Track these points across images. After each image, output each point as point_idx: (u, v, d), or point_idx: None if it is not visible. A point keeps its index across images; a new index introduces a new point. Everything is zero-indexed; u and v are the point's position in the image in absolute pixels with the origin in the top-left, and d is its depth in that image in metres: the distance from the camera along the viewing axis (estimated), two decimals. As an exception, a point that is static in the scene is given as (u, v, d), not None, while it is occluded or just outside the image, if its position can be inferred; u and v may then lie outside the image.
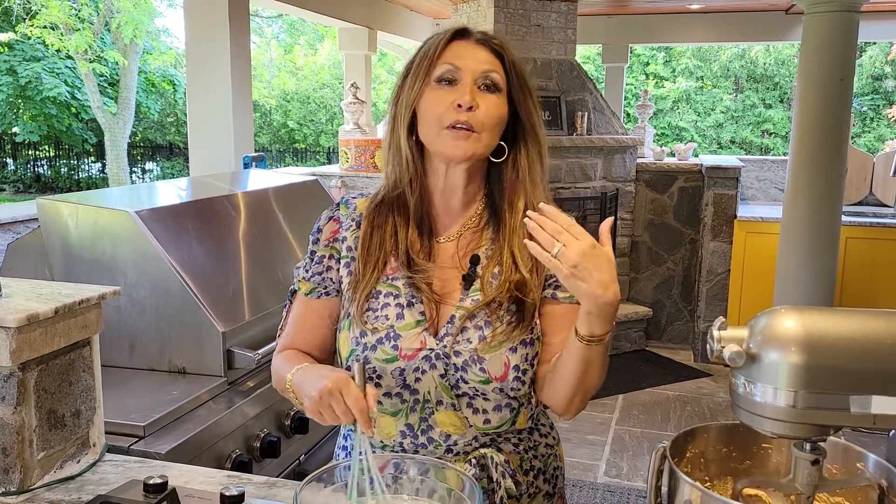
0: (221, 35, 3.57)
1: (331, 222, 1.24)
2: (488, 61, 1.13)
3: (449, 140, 1.11)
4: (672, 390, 4.54)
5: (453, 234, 1.20)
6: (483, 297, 1.14)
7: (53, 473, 1.22)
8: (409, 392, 1.14)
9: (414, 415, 1.14)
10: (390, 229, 1.19)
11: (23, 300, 1.19)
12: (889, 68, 14.75)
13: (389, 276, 1.17)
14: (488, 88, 1.12)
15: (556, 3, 5.08)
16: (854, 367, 0.81)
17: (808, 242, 3.99)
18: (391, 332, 1.13)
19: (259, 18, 16.81)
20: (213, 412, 1.62)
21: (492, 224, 1.19)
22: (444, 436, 1.14)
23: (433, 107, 1.11)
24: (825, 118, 3.88)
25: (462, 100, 1.09)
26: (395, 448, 1.16)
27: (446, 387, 1.12)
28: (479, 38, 1.14)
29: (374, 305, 1.16)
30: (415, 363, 1.12)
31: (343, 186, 4.31)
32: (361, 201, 1.24)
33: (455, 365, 1.12)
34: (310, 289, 1.22)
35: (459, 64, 1.11)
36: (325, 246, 1.22)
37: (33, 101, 14.37)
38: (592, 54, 14.28)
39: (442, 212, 1.20)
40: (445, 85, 1.11)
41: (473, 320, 1.13)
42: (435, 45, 1.13)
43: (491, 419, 1.14)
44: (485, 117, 1.11)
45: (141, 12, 12.43)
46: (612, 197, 5.15)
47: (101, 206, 1.83)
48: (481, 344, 1.12)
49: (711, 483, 1.04)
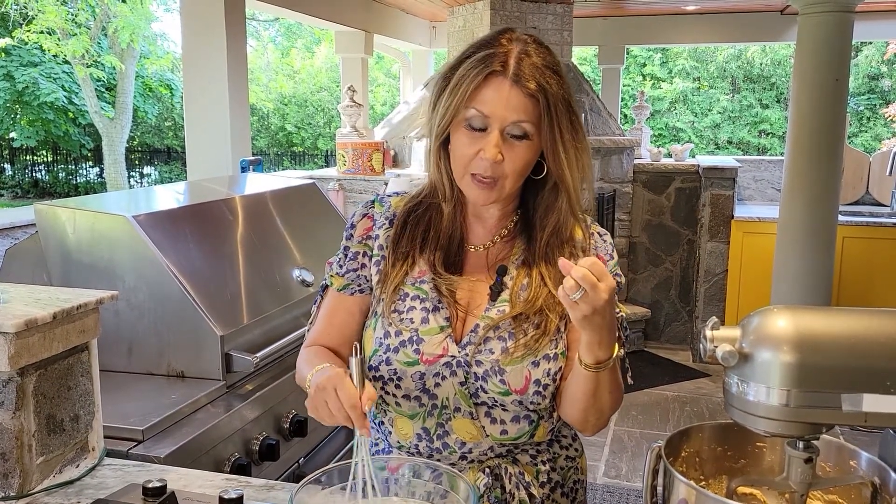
0: (218, 39, 3.58)
1: (365, 219, 1.23)
2: (520, 108, 1.06)
3: (472, 187, 1.10)
4: (671, 391, 4.55)
5: (485, 243, 1.19)
6: (510, 310, 1.13)
7: (52, 478, 1.23)
8: (427, 396, 1.13)
9: (431, 419, 1.14)
10: (422, 230, 1.19)
11: (21, 305, 1.20)
12: (885, 68, 14.77)
13: (417, 278, 1.17)
14: (516, 137, 1.07)
15: (552, 6, 5.09)
16: (846, 365, 0.81)
17: (805, 242, 4.00)
18: (415, 336, 1.13)
19: (256, 22, 16.81)
20: (211, 416, 1.62)
21: (524, 236, 1.18)
22: (459, 443, 1.14)
23: (460, 148, 1.09)
24: (821, 118, 3.89)
25: (486, 155, 1.06)
26: (411, 450, 1.16)
27: (465, 395, 1.12)
28: (514, 79, 1.05)
29: (401, 307, 1.15)
30: (435, 369, 1.12)
31: (341, 189, 4.31)
32: (396, 200, 1.24)
33: (476, 374, 1.11)
34: (342, 285, 1.22)
35: (488, 112, 1.06)
36: (359, 242, 1.22)
37: (30, 107, 14.35)
38: (589, 56, 14.31)
39: (474, 223, 1.20)
40: (473, 129, 1.08)
41: (497, 331, 1.12)
42: (468, 82, 1.06)
43: (509, 430, 1.14)
44: (510, 169, 1.08)
45: (138, 17, 12.42)
46: (610, 198, 5.16)
47: (99, 211, 1.83)
48: (503, 355, 1.11)
49: (706, 482, 1.05)
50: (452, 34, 5.33)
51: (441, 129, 1.10)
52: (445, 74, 1.11)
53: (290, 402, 1.85)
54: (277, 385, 1.81)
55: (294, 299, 2.06)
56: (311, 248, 2.34)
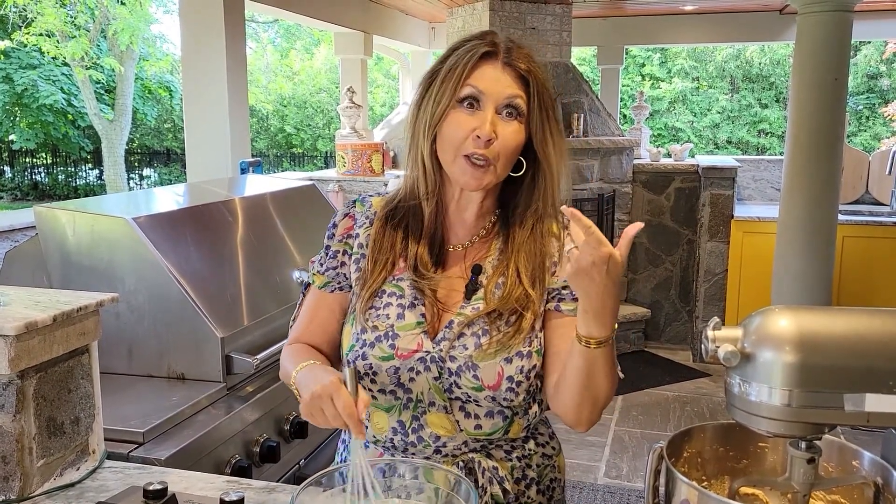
0: (217, 41, 3.57)
1: (346, 219, 1.26)
2: (513, 86, 1.11)
3: (465, 169, 1.11)
4: (671, 391, 4.54)
5: (463, 242, 1.21)
6: (484, 307, 1.15)
7: (53, 481, 1.23)
8: (402, 390, 1.15)
9: (406, 412, 1.16)
10: (402, 233, 1.21)
11: (21, 308, 1.20)
12: (884, 67, 14.78)
13: (396, 276, 1.19)
14: (510, 115, 1.11)
15: (551, 6, 5.09)
16: (848, 365, 0.81)
17: (805, 241, 4.00)
18: (390, 332, 1.15)
19: (255, 24, 16.81)
20: (212, 418, 1.62)
21: (501, 235, 1.20)
22: (433, 437, 1.15)
23: (454, 130, 1.11)
24: (820, 118, 3.89)
25: (482, 131, 1.09)
26: (386, 444, 1.18)
27: (439, 389, 1.13)
28: (505, 60, 1.12)
29: (378, 304, 1.18)
30: (410, 363, 1.13)
31: (340, 191, 4.31)
32: (377, 200, 1.27)
33: (449, 369, 1.13)
34: (323, 282, 1.25)
35: (483, 88, 1.10)
36: (340, 241, 1.25)
37: (30, 109, 14.36)
38: (588, 56, 14.31)
39: (455, 221, 1.21)
40: (468, 108, 1.11)
41: (472, 328, 1.14)
42: (463, 65, 1.11)
43: (483, 425, 1.15)
44: (501, 148, 1.11)
45: (137, 19, 12.43)
46: (609, 198, 5.16)
47: (99, 213, 1.83)
48: (477, 351, 1.12)
49: (708, 482, 1.04)
50: (451, 35, 5.33)
51: (436, 117, 1.13)
52: (433, 69, 1.16)
53: (291, 404, 1.85)
54: (278, 387, 1.81)
55: (294, 300, 2.06)
56: (310, 250, 2.34)
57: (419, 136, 1.16)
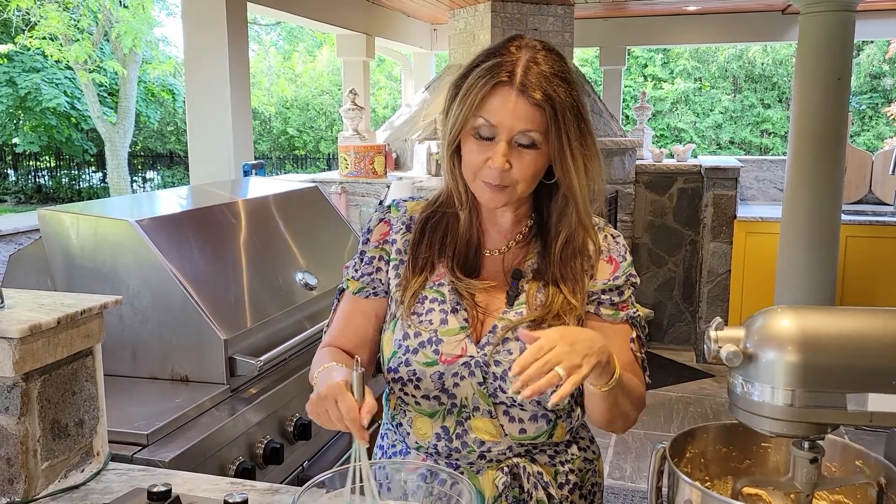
0: (220, 43, 3.58)
1: (381, 224, 1.26)
2: (527, 118, 1.06)
3: (483, 191, 1.11)
4: (674, 391, 4.54)
5: (500, 248, 1.21)
6: (528, 314, 1.15)
7: (57, 483, 1.23)
8: (447, 396, 1.15)
9: (450, 418, 1.16)
10: (440, 236, 1.21)
11: (25, 311, 1.20)
12: (887, 66, 14.75)
13: (436, 282, 1.19)
14: (524, 146, 1.08)
15: (553, 7, 5.09)
16: (850, 365, 0.81)
17: (808, 241, 3.99)
18: (434, 337, 1.15)
19: (257, 26, 16.84)
20: (216, 420, 1.62)
21: (538, 240, 1.20)
22: (478, 442, 1.15)
23: (469, 156, 1.11)
24: (823, 117, 3.88)
25: (494, 164, 1.07)
26: (430, 450, 1.18)
27: (484, 394, 1.14)
28: (520, 89, 1.05)
29: (420, 310, 1.18)
30: (454, 368, 1.14)
31: (343, 192, 4.32)
32: (412, 205, 1.26)
33: (494, 374, 1.13)
34: (358, 288, 1.24)
35: (495, 121, 1.07)
36: (375, 247, 1.24)
37: (33, 112, 14.39)
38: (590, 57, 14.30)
39: (490, 227, 1.21)
40: (480, 138, 1.09)
41: (515, 333, 1.14)
42: (475, 94, 1.07)
43: (527, 429, 1.15)
44: (518, 175, 1.09)
45: (140, 22, 12.44)
46: (612, 199, 5.16)
47: (102, 216, 1.84)
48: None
49: (711, 483, 1.04)
50: (453, 36, 5.33)
51: (452, 137, 1.12)
52: (456, 82, 1.12)
53: (295, 406, 1.85)
54: (281, 388, 1.81)
55: (297, 302, 2.07)
56: (314, 252, 2.34)
57: (444, 150, 1.16)
